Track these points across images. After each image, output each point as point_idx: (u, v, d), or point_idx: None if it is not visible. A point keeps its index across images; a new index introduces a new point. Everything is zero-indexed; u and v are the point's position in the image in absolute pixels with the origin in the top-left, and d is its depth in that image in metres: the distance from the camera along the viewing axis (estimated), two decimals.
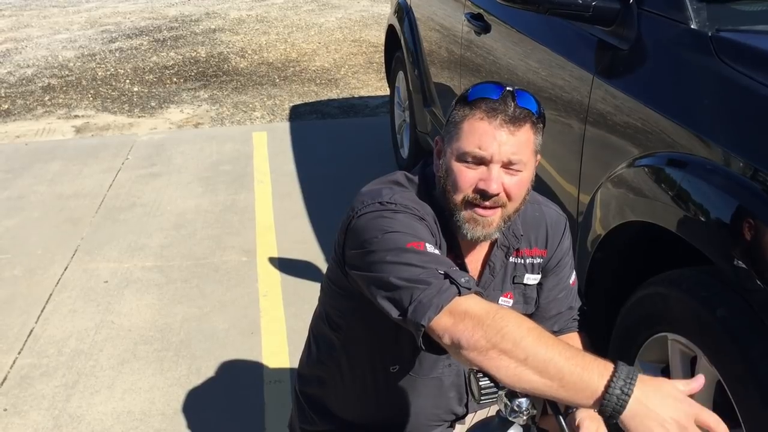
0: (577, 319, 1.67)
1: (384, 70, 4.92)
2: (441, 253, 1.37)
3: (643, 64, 1.86)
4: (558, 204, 1.69)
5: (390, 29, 4.47)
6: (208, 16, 9.23)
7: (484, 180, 1.36)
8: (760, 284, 1.36)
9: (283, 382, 2.66)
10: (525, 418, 1.21)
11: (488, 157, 1.35)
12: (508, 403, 1.20)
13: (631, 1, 1.91)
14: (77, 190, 4.40)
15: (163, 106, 6.01)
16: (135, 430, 2.46)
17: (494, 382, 1.17)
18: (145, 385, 2.67)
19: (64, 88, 6.52)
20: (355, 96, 6.09)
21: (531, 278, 1.58)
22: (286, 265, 3.46)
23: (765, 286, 1.35)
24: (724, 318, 1.45)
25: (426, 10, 3.77)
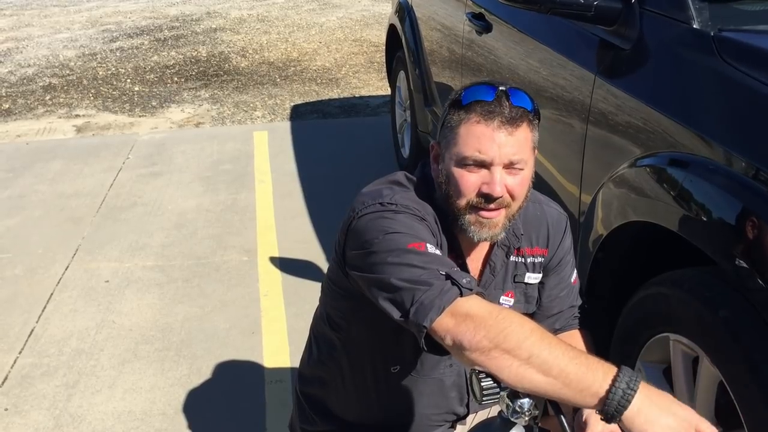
0: (578, 317, 1.67)
1: (385, 70, 4.92)
2: (442, 254, 1.37)
3: (645, 64, 1.86)
4: (559, 204, 1.68)
5: (391, 29, 4.47)
6: (209, 16, 9.23)
7: (488, 184, 1.35)
8: (762, 284, 1.35)
9: (284, 382, 2.66)
10: (527, 418, 1.22)
11: (489, 161, 1.35)
12: (510, 404, 1.20)
13: (632, 0, 1.90)
14: (78, 190, 4.40)
15: (164, 105, 6.01)
16: (136, 429, 2.46)
17: (496, 382, 1.17)
18: (146, 385, 2.67)
19: (65, 88, 6.52)
20: (356, 95, 6.08)
21: (532, 277, 1.58)
22: (287, 265, 3.45)
23: (767, 286, 1.35)
24: (726, 318, 1.45)
25: (427, 10, 3.77)
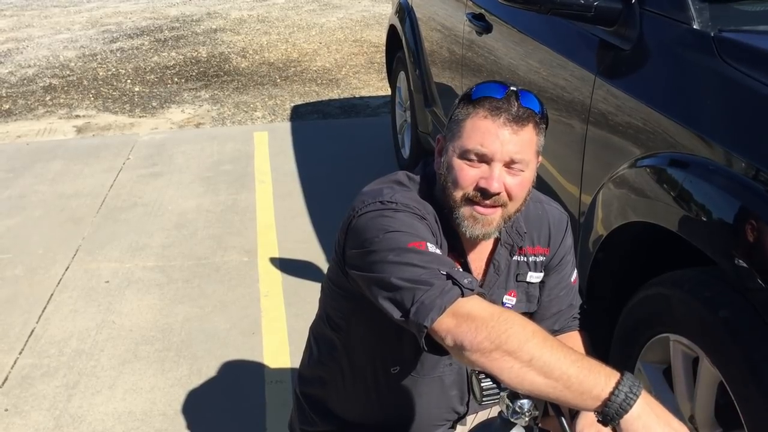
0: (578, 318, 1.67)
1: (385, 70, 4.92)
2: (442, 253, 1.37)
3: (645, 65, 1.86)
4: (559, 204, 1.68)
5: (391, 29, 4.47)
6: (210, 16, 9.23)
7: (486, 178, 1.35)
8: (762, 284, 1.35)
9: (284, 382, 2.66)
10: (527, 419, 1.21)
11: (490, 155, 1.35)
12: (510, 404, 1.20)
13: (633, 1, 1.90)
14: (78, 190, 4.40)
15: (165, 106, 6.01)
16: (136, 430, 2.46)
17: (496, 383, 1.17)
18: (146, 386, 2.67)
19: (66, 88, 6.52)
20: (356, 96, 6.08)
21: (534, 276, 1.58)
22: (287, 265, 3.45)
23: (767, 286, 1.35)
24: (726, 319, 1.45)
25: (427, 10, 3.77)
